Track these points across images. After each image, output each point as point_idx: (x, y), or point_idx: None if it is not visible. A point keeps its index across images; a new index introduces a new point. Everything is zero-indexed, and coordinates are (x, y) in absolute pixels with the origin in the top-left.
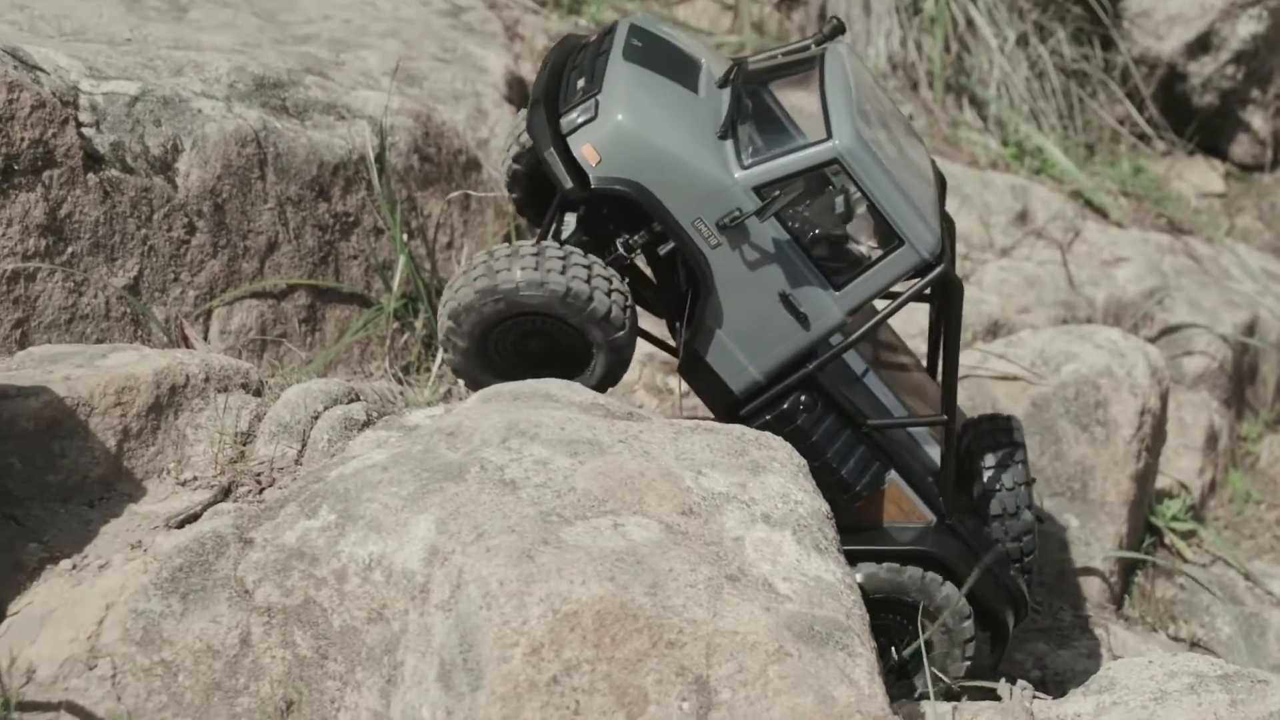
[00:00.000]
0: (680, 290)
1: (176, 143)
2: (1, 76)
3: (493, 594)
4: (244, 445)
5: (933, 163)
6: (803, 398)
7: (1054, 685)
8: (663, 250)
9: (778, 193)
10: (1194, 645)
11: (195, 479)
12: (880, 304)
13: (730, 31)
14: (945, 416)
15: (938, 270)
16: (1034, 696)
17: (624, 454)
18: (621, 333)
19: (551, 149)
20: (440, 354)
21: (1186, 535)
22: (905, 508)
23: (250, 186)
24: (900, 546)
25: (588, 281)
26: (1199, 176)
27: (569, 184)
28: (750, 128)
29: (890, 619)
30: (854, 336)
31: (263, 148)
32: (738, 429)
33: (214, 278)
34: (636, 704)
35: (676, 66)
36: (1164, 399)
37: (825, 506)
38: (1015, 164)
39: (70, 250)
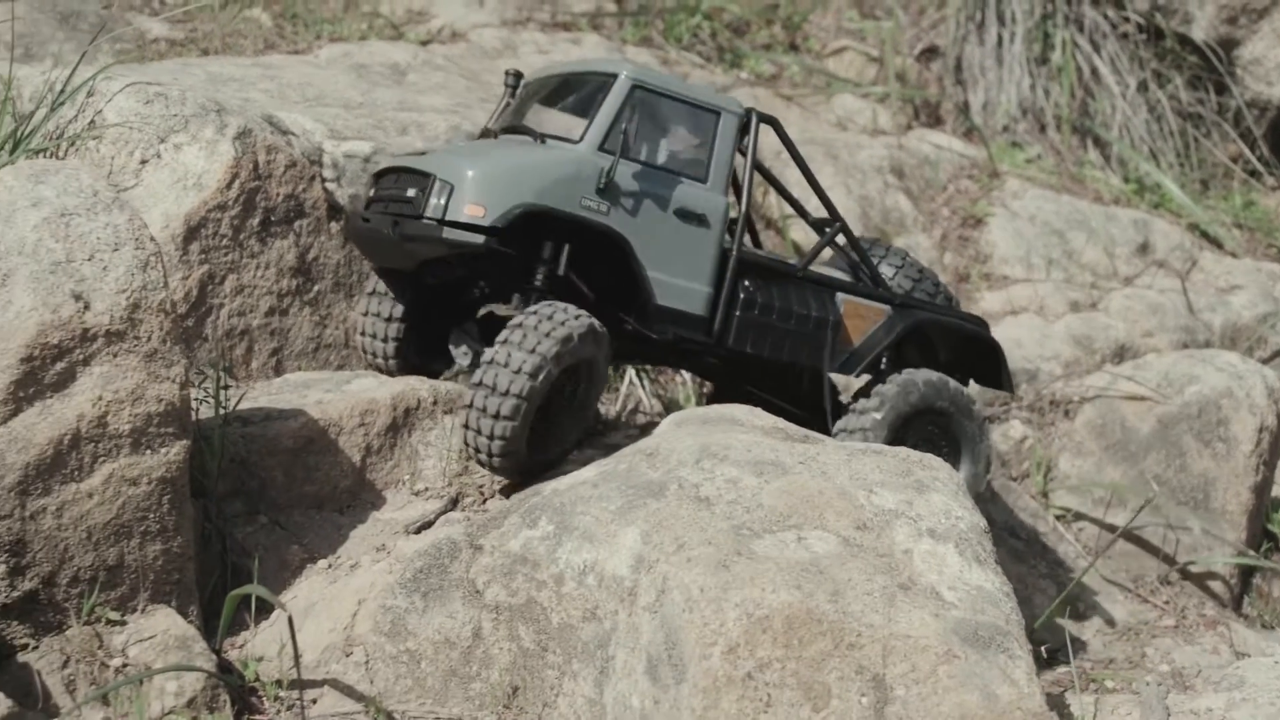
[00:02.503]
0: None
1: None
2: (261, 140)
3: (694, 599)
4: (468, 460)
5: None
6: (746, 282)
7: (1182, 678)
8: (561, 272)
9: (622, 130)
10: None
11: (427, 490)
12: None
13: (875, 82)
14: (838, 222)
15: (754, 114)
16: (1168, 691)
17: (804, 474)
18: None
19: (444, 228)
20: (496, 447)
21: None
22: (865, 313)
23: None
24: (888, 340)
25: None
26: None
27: (481, 241)
28: (553, 128)
29: (926, 428)
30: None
31: None
32: (903, 452)
33: None
34: (821, 698)
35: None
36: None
37: (983, 522)
38: (1136, 199)
39: (316, 289)
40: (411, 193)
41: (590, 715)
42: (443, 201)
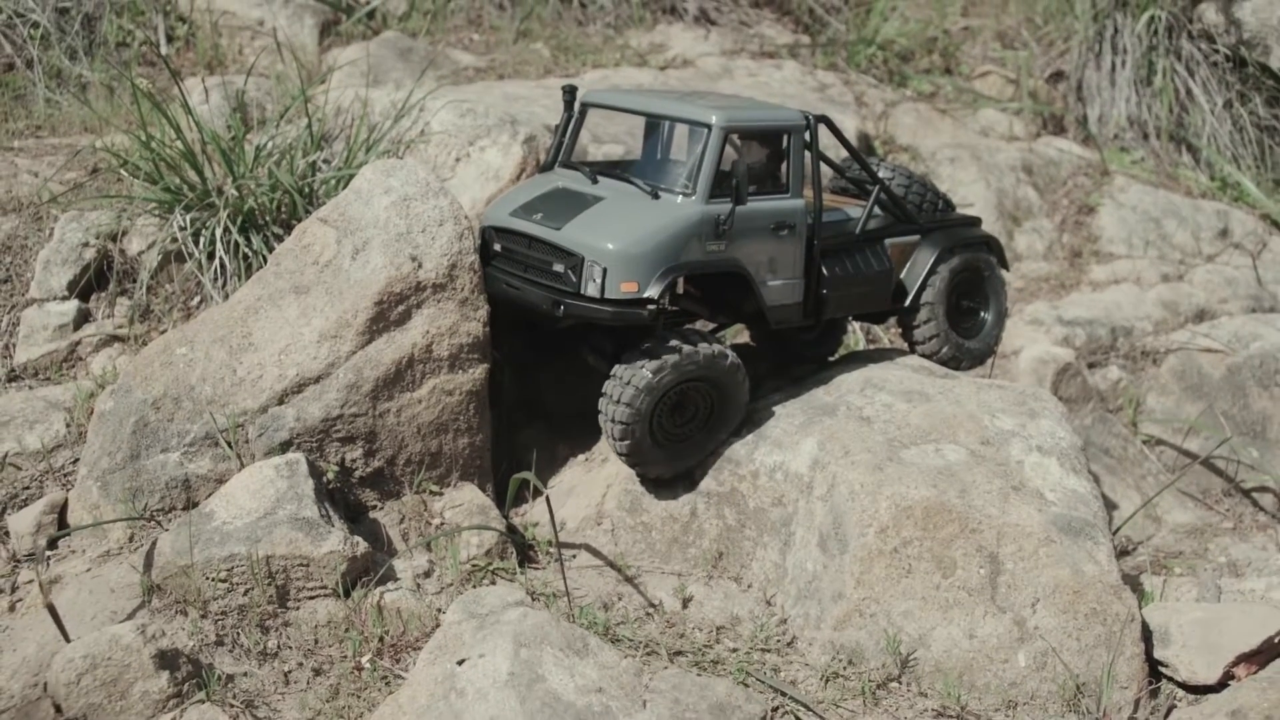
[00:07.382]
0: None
1: None
2: (542, 143)
3: (856, 491)
4: None
5: None
6: (826, 260)
7: (1235, 568)
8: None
9: (732, 180)
10: None
11: None
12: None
13: (1012, 99)
14: (878, 184)
15: (810, 120)
16: (1221, 575)
17: (943, 401)
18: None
19: (607, 306)
20: (619, 445)
21: None
22: (904, 248)
23: None
24: (930, 266)
25: (715, 344)
26: None
27: (646, 314)
28: (659, 179)
29: (967, 278)
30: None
31: None
32: (1021, 386)
33: None
34: (948, 568)
35: (554, 197)
36: None
37: (1080, 442)
38: (1220, 194)
39: None
40: (559, 268)
41: (775, 575)
42: (599, 282)
